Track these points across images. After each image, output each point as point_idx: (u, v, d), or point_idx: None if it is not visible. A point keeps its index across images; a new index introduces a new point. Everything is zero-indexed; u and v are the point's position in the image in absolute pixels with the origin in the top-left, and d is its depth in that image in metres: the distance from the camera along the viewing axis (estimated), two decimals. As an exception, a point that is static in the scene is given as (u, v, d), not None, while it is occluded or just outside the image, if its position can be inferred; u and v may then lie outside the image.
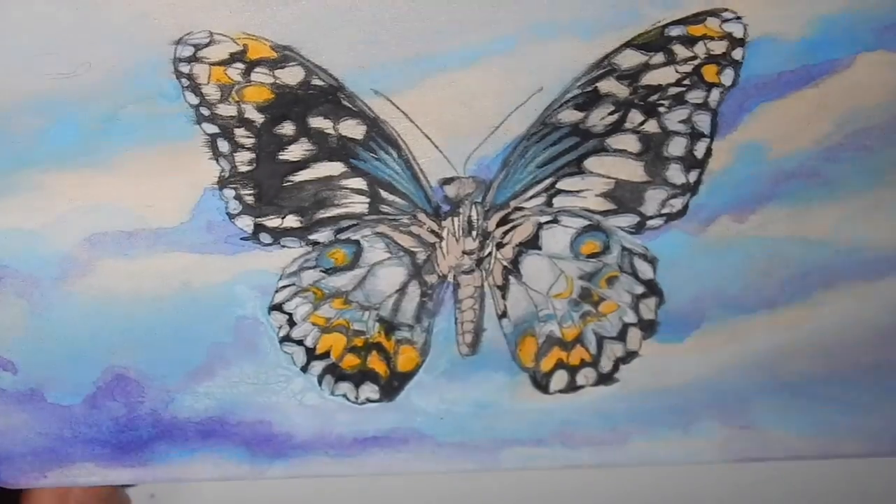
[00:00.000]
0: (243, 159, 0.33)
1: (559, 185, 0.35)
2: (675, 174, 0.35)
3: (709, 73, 0.34)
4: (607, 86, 0.33)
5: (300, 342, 0.37)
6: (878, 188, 0.36)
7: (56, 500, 0.38)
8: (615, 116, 0.34)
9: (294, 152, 0.33)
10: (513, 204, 0.35)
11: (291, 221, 0.34)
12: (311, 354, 0.37)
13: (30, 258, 0.34)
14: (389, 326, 0.37)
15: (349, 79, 0.32)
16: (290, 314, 0.36)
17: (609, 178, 0.35)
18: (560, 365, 0.38)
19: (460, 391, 0.38)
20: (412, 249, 0.36)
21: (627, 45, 0.33)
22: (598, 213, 0.36)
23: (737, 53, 0.33)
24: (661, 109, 0.34)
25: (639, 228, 0.36)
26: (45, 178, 0.32)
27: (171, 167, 0.33)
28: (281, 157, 0.33)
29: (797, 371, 0.37)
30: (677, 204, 0.36)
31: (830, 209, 0.36)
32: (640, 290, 0.36)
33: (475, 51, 0.32)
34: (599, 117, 0.34)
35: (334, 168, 0.34)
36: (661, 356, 0.37)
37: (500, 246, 0.36)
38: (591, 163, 0.35)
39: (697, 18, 0.33)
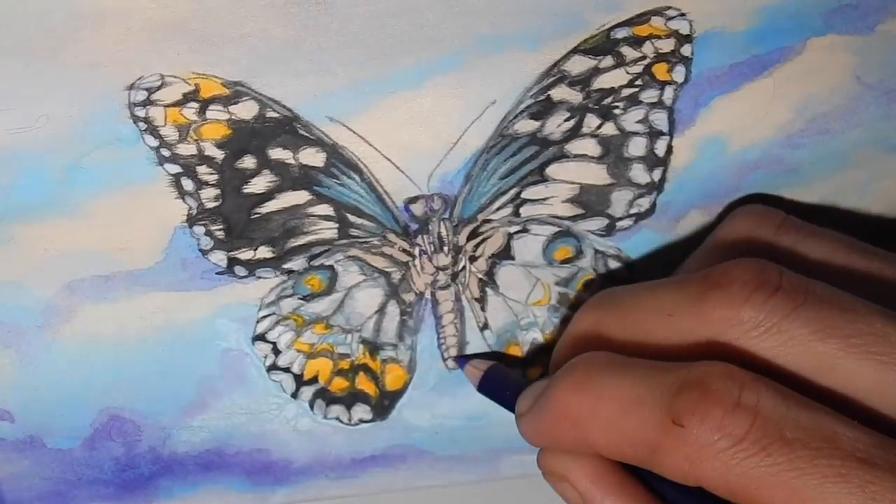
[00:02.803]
0: (209, 196, 0.33)
1: (524, 195, 0.35)
2: (639, 174, 0.35)
3: (660, 71, 0.34)
4: (560, 93, 0.33)
5: (287, 369, 0.37)
6: (842, 170, 0.36)
7: None
8: (571, 122, 0.34)
9: (258, 185, 0.34)
10: (480, 217, 0.36)
11: (264, 252, 0.35)
12: (300, 381, 0.37)
13: (12, 308, 0.34)
14: (373, 347, 0.37)
15: (303, 108, 0.32)
16: (273, 343, 0.37)
17: (573, 183, 0.35)
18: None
19: (451, 405, 0.38)
20: (386, 270, 0.36)
21: (574, 51, 0.33)
22: (567, 219, 0.36)
23: (685, 50, 0.33)
24: (617, 111, 0.34)
25: (609, 231, 0.36)
26: (17, 230, 0.33)
27: (139, 210, 0.33)
28: (245, 191, 0.34)
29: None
30: (644, 203, 0.36)
31: (798, 195, 0.36)
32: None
33: (424, 70, 0.32)
34: (556, 125, 0.34)
35: (299, 197, 0.34)
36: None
37: (473, 259, 0.36)
38: (553, 170, 0.35)
39: (642, 19, 0.33)
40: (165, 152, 0.32)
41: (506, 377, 0.36)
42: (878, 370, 0.28)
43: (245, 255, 0.35)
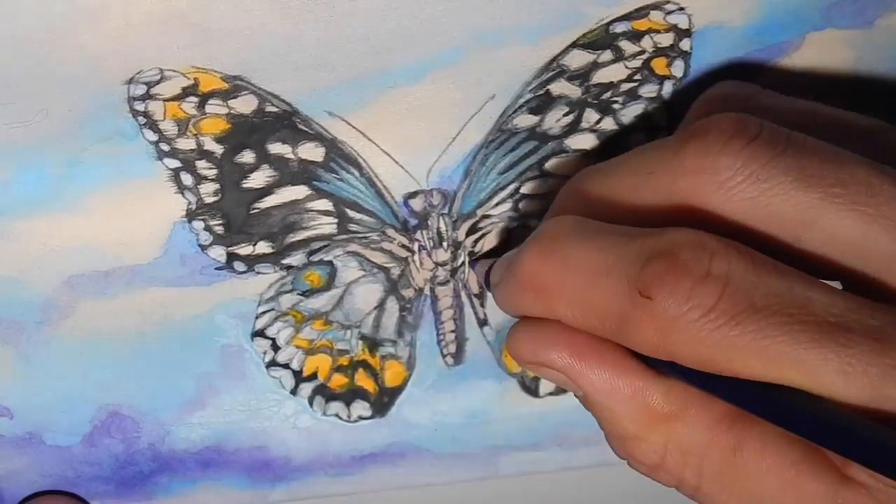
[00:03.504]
0: (208, 191, 0.34)
1: (523, 190, 0.35)
2: (638, 169, 0.35)
3: (659, 66, 0.34)
4: (559, 87, 0.33)
5: (286, 366, 0.37)
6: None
7: None
8: (570, 117, 0.34)
9: (257, 179, 0.34)
10: (480, 212, 0.36)
11: (263, 248, 0.35)
12: (299, 377, 0.37)
13: (11, 304, 0.34)
14: (373, 343, 0.37)
15: (302, 103, 0.32)
16: (272, 339, 0.36)
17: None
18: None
19: (450, 402, 0.38)
20: (385, 265, 0.36)
21: (573, 45, 0.33)
22: (567, 214, 0.36)
23: (684, 44, 0.33)
24: (616, 106, 0.34)
25: (609, 225, 0.36)
26: (16, 225, 0.33)
27: (138, 204, 0.33)
28: (245, 186, 0.34)
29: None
30: (644, 198, 0.36)
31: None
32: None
33: (424, 64, 0.32)
34: (555, 119, 0.34)
35: (298, 192, 0.34)
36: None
37: (472, 255, 0.36)
38: (552, 165, 0.35)
39: (641, 13, 0.33)
40: (165, 147, 0.33)
41: None
42: (861, 224, 0.27)
43: (244, 250, 0.35)
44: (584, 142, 0.35)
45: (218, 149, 0.33)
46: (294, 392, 0.37)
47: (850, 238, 0.27)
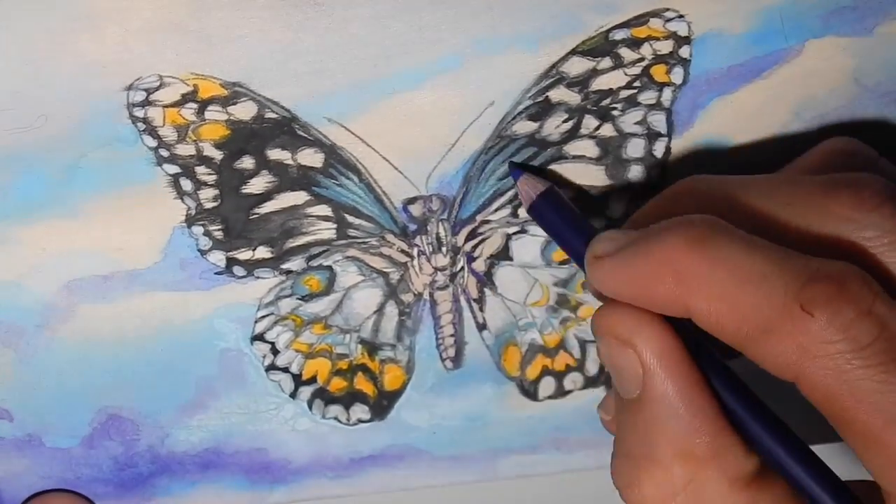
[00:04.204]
0: (207, 196, 0.34)
1: (522, 196, 0.35)
2: (637, 175, 0.35)
3: (658, 73, 0.34)
4: (558, 94, 0.33)
5: (286, 369, 0.37)
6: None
7: None
8: (570, 124, 0.34)
9: (256, 185, 0.34)
10: (479, 218, 0.36)
11: (262, 252, 0.35)
12: (298, 380, 0.37)
13: (11, 308, 0.34)
14: (372, 347, 0.37)
15: (301, 109, 0.32)
16: (272, 343, 0.37)
17: (571, 184, 0.35)
18: (546, 372, 0.38)
19: (449, 405, 0.38)
20: (385, 270, 0.36)
21: (573, 52, 0.33)
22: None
23: (684, 51, 0.33)
24: (615, 113, 0.34)
25: (608, 232, 0.36)
26: (16, 230, 0.33)
27: (137, 210, 0.33)
28: (244, 191, 0.34)
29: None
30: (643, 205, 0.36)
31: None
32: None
33: (423, 71, 0.32)
34: (554, 126, 0.34)
35: (298, 197, 0.34)
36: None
37: (471, 260, 0.36)
38: (551, 171, 0.35)
39: (640, 20, 0.33)
40: (164, 152, 0.33)
41: (563, 204, 0.33)
42: None
43: (244, 255, 0.35)
44: (583, 148, 0.35)
45: (217, 154, 0.33)
46: (293, 395, 0.37)
47: None
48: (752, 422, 0.29)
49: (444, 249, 0.36)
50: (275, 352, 0.37)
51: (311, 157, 0.33)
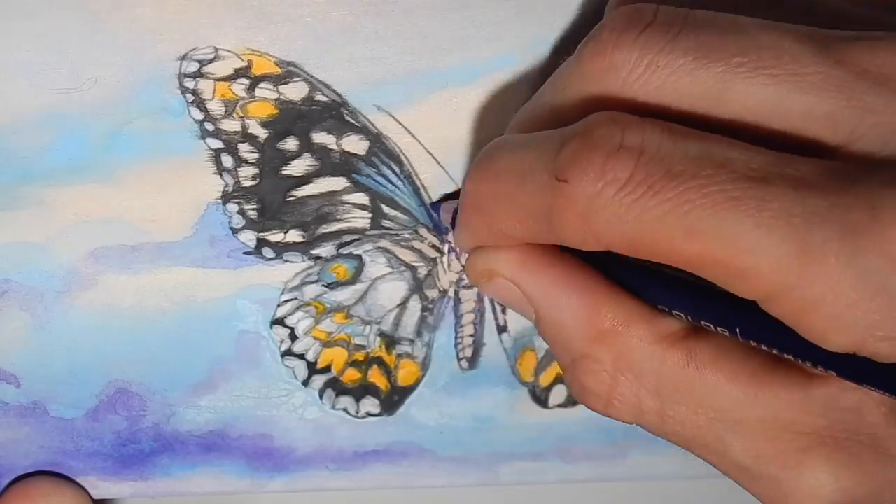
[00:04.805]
0: (247, 174, 0.33)
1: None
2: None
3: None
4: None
5: (302, 356, 0.37)
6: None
7: None
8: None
9: (297, 167, 0.34)
10: (513, 220, 0.36)
11: (294, 236, 0.35)
12: (313, 369, 0.37)
13: (34, 272, 0.34)
14: (390, 341, 0.37)
15: (352, 94, 0.32)
16: (291, 328, 0.36)
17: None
18: (559, 379, 0.38)
19: (460, 405, 0.38)
20: (413, 264, 0.36)
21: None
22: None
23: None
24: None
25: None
26: (50, 192, 0.33)
27: (174, 182, 0.33)
28: (284, 173, 0.34)
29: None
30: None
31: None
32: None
33: (478, 67, 0.32)
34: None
35: (337, 183, 0.34)
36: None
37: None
38: None
39: None
40: (209, 126, 0.32)
41: None
42: (770, 87, 0.25)
43: (275, 237, 0.34)
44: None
45: (262, 133, 0.33)
46: (306, 383, 0.37)
47: (762, 103, 0.26)
48: (661, 290, 0.28)
49: None
50: (293, 337, 0.36)
51: (355, 144, 0.33)
